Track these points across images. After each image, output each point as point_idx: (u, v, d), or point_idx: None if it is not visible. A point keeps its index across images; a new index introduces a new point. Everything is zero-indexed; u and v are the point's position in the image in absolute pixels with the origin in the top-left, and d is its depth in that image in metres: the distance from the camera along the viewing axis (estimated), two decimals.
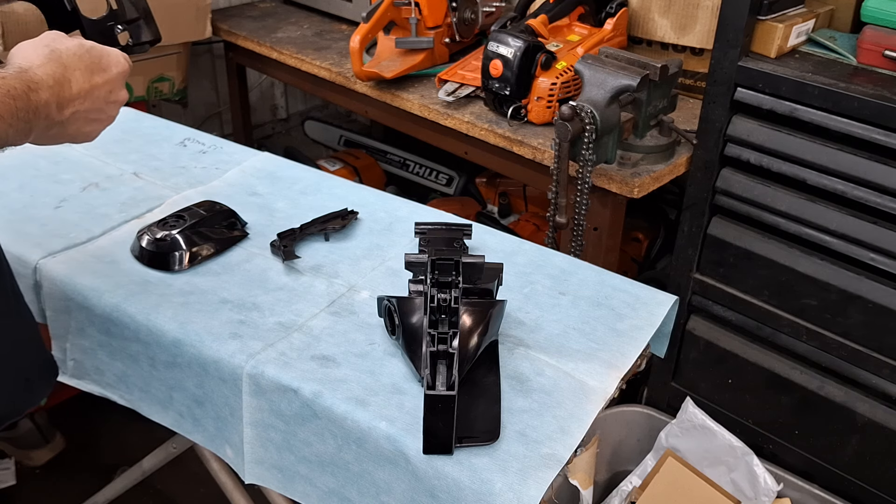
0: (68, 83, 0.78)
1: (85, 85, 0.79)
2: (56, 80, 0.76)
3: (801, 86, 1.25)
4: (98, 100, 0.82)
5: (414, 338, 0.89)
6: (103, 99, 0.83)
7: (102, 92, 0.82)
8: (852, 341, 1.33)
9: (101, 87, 0.82)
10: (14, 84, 0.71)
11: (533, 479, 0.79)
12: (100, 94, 0.82)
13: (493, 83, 1.55)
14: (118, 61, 0.84)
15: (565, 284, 1.09)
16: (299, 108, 3.05)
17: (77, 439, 1.92)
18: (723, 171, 1.40)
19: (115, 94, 0.84)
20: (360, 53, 1.69)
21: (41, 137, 0.79)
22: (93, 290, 1.04)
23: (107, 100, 0.83)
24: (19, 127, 0.72)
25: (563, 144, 1.30)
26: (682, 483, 1.41)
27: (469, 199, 2.37)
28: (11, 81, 0.71)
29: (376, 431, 0.84)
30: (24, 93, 0.72)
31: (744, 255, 1.41)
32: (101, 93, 0.82)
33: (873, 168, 1.22)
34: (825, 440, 1.43)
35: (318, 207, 1.24)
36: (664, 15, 1.67)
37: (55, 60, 0.77)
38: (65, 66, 0.77)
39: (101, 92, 0.82)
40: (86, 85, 0.80)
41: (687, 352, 1.57)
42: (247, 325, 0.98)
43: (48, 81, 0.75)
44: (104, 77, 0.82)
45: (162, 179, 1.31)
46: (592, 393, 0.90)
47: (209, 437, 1.01)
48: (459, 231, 1.13)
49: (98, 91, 0.81)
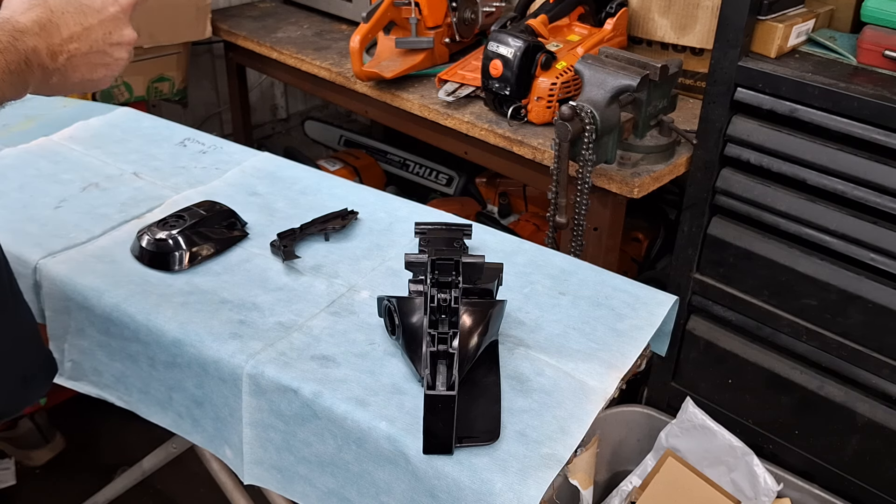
0: (56, 28, 0.74)
1: (76, 28, 0.75)
2: (42, 25, 0.72)
3: (801, 86, 1.25)
4: (97, 42, 0.77)
5: (414, 338, 0.89)
6: (102, 41, 0.78)
7: (99, 33, 0.77)
8: (852, 341, 1.33)
9: (96, 29, 0.77)
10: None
11: (533, 479, 0.79)
12: (97, 36, 0.77)
13: (493, 83, 1.55)
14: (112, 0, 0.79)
15: (565, 284, 1.09)
16: (299, 108, 3.05)
17: (77, 439, 1.92)
18: (723, 171, 1.40)
19: (115, 34, 0.79)
20: (360, 53, 1.69)
21: (43, 88, 0.76)
22: (93, 290, 1.04)
23: (107, 41, 0.79)
24: (13, 81, 0.69)
25: (563, 144, 1.30)
26: (682, 483, 1.41)
27: (469, 199, 2.37)
28: None
29: (376, 431, 0.84)
30: (10, 44, 0.69)
31: (744, 255, 1.41)
32: (98, 34, 0.77)
33: (873, 168, 1.22)
34: (825, 440, 1.43)
35: (318, 207, 1.24)
36: (664, 15, 1.67)
37: (39, 5, 0.73)
38: (51, 11, 0.73)
39: (98, 34, 0.77)
40: (77, 28, 0.75)
41: (687, 352, 1.57)
42: (247, 325, 0.98)
43: (33, 28, 0.71)
44: (98, 17, 0.77)
45: (162, 179, 1.31)
46: (592, 393, 0.90)
47: (208, 438, 1.01)
48: (459, 231, 1.13)
49: (93, 33, 0.77)
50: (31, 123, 1.48)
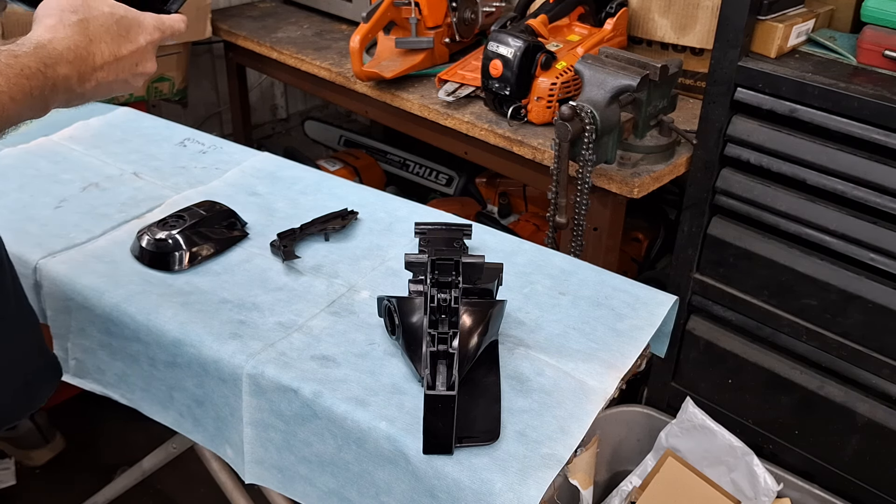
0: (91, 56, 0.75)
1: (110, 57, 0.76)
2: (77, 53, 0.73)
3: (801, 86, 1.25)
4: (123, 71, 0.79)
5: (414, 338, 0.89)
6: (129, 70, 0.79)
7: (128, 63, 0.79)
8: (852, 341, 1.33)
9: (128, 59, 0.79)
10: (28, 63, 0.68)
11: (533, 479, 0.79)
12: (125, 66, 0.79)
13: (493, 83, 1.55)
14: (150, 31, 0.80)
15: (565, 284, 1.09)
16: (299, 108, 3.05)
17: (77, 439, 1.92)
18: (723, 171, 1.40)
19: (142, 65, 0.81)
20: (360, 53, 1.69)
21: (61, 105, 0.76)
22: (93, 290, 1.04)
23: (133, 71, 0.80)
24: (33, 105, 0.69)
25: (563, 144, 1.30)
26: (682, 483, 1.41)
27: (469, 199, 2.37)
28: (25, 60, 0.68)
29: (376, 431, 0.84)
30: (40, 70, 0.69)
31: (744, 255, 1.41)
32: (127, 64, 0.79)
33: (873, 168, 1.22)
34: (825, 440, 1.43)
35: (318, 207, 1.24)
36: (664, 15, 1.67)
37: (80, 31, 0.74)
38: (90, 39, 0.74)
39: (127, 63, 0.79)
40: (111, 57, 0.77)
41: (687, 352, 1.57)
42: (247, 325, 0.98)
43: (68, 56, 0.72)
44: (131, 48, 0.78)
45: (162, 179, 1.31)
46: (592, 393, 0.90)
47: (209, 437, 1.01)
48: (459, 231, 1.13)
49: (124, 62, 0.78)
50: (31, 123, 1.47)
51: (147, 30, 0.80)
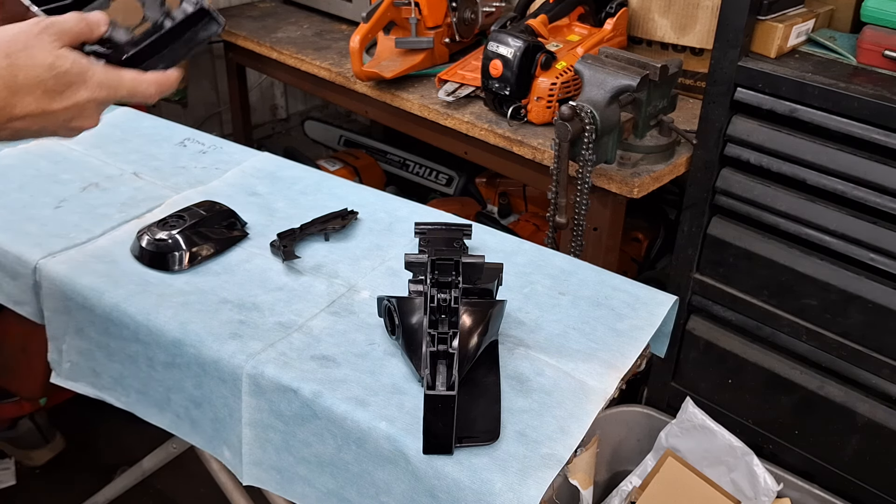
0: (10, 107, 0.70)
1: (36, 110, 0.72)
2: None
3: (801, 86, 1.25)
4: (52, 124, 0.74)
5: (414, 338, 0.89)
6: (59, 124, 0.75)
7: (59, 118, 0.74)
8: (852, 341, 1.33)
9: (59, 113, 0.74)
10: None
11: (533, 479, 0.79)
12: (55, 120, 0.74)
13: (493, 83, 1.55)
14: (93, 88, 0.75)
15: (565, 284, 1.09)
16: (299, 108, 3.05)
17: (77, 439, 1.92)
18: (723, 171, 1.40)
19: (77, 121, 0.76)
20: (360, 53, 1.69)
21: None
22: (92, 290, 1.04)
23: (66, 126, 0.76)
24: None
25: (563, 144, 1.30)
26: (682, 483, 1.41)
27: (469, 199, 2.37)
28: None
29: (376, 431, 0.84)
30: None
31: (744, 255, 1.41)
32: (58, 119, 0.74)
33: (873, 168, 1.22)
34: (825, 440, 1.43)
35: (318, 207, 1.24)
36: (664, 15, 1.67)
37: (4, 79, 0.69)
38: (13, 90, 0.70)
39: (58, 118, 0.74)
40: (37, 110, 0.72)
41: (687, 352, 1.57)
42: (247, 325, 0.98)
43: None
44: (65, 104, 0.73)
45: (162, 179, 1.31)
46: (592, 393, 0.90)
47: (207, 439, 1.01)
48: (459, 231, 1.13)
49: (53, 116, 0.74)
50: None
51: (90, 87, 0.74)
